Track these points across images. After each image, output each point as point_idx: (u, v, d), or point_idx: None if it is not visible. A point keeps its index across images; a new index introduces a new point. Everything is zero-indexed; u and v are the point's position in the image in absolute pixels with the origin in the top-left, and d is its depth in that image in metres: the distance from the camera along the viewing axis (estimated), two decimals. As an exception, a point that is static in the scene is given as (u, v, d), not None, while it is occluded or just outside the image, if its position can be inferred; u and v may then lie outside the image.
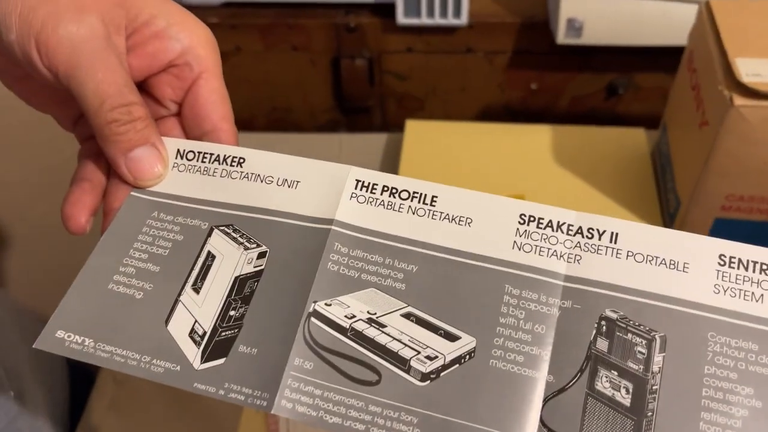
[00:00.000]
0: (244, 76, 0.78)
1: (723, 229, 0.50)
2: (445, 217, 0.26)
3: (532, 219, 0.26)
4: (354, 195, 0.27)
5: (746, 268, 0.24)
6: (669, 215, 0.54)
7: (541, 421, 0.23)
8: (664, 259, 0.24)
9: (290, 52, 0.75)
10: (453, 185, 0.27)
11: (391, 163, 0.63)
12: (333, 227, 0.27)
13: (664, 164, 0.57)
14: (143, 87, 0.31)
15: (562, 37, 0.65)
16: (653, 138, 0.61)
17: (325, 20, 0.72)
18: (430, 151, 0.62)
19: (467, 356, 0.24)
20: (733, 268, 0.24)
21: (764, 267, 0.24)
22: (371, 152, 0.68)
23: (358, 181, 0.28)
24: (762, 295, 0.23)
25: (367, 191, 0.27)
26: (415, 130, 0.64)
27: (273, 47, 0.75)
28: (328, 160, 0.28)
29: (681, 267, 0.24)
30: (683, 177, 0.51)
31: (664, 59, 0.66)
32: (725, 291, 0.24)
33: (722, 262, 0.24)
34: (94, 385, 0.50)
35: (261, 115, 0.82)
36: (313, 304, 0.26)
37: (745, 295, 0.24)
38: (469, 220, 0.26)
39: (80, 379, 0.52)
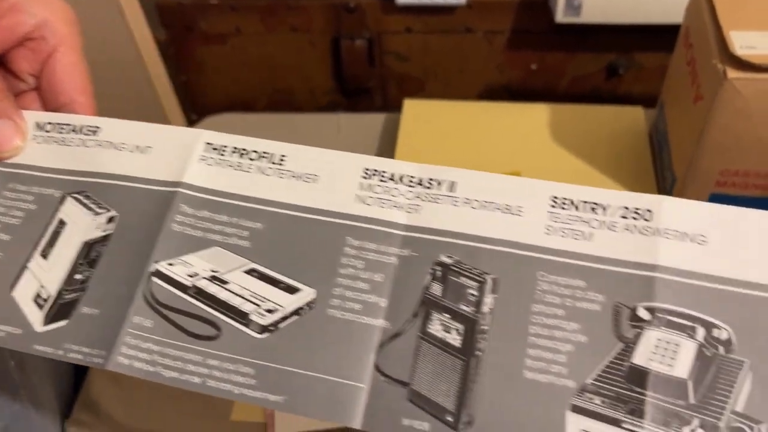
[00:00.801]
0: (245, 58, 0.78)
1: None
2: (292, 175, 0.27)
3: (375, 173, 0.26)
4: (203, 158, 0.28)
5: (577, 208, 0.25)
6: (665, 192, 0.54)
7: (376, 366, 0.23)
8: (499, 204, 0.25)
9: (290, 33, 0.75)
10: (450, 164, 0.27)
11: (389, 143, 0.64)
12: (180, 189, 0.28)
13: (661, 141, 0.56)
14: (1, 62, 0.31)
15: (561, 16, 0.64)
16: (651, 116, 0.60)
17: (324, 1, 0.72)
18: (428, 130, 0.62)
19: (306, 307, 0.25)
20: (565, 208, 0.25)
21: (594, 206, 0.24)
22: (370, 132, 0.68)
23: (208, 144, 0.28)
24: (591, 233, 0.24)
25: (216, 153, 0.28)
26: (413, 109, 0.64)
27: (273, 29, 0.75)
28: (327, 140, 0.28)
29: (515, 210, 0.25)
30: (679, 153, 0.51)
31: (665, 38, 0.65)
32: (556, 231, 0.24)
33: (554, 204, 0.25)
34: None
35: (262, 96, 0.82)
36: (154, 264, 0.26)
37: (575, 234, 0.24)
38: (315, 177, 0.27)
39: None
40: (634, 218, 0.24)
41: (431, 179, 0.26)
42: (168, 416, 0.48)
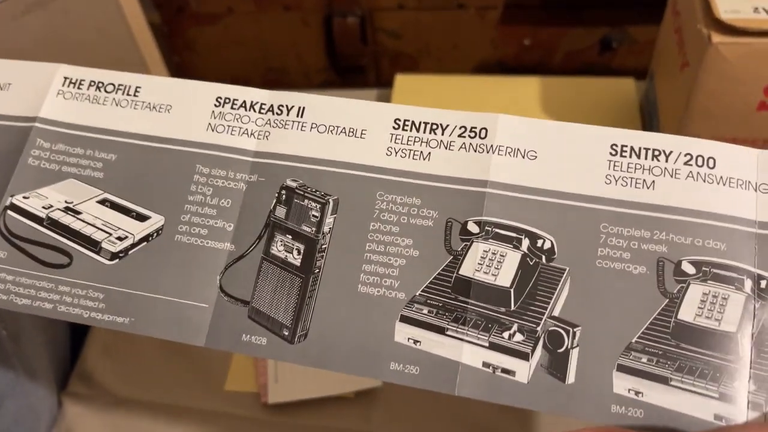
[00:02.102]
0: (238, 37, 0.78)
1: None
2: (146, 106, 0.28)
3: (227, 101, 0.27)
4: (61, 92, 0.28)
5: (418, 129, 0.25)
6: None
7: (220, 287, 0.25)
8: (344, 128, 0.26)
9: (282, 12, 0.75)
10: None
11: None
12: (36, 124, 0.28)
13: (651, 112, 0.56)
14: None
15: (551, -11, 0.64)
16: (643, 88, 0.60)
17: (315, -22, 0.72)
18: (420, 104, 0.62)
19: (155, 234, 0.26)
20: (406, 130, 0.25)
21: (434, 127, 0.25)
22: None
23: (66, 78, 0.29)
24: (430, 153, 0.25)
25: (74, 87, 0.28)
26: (404, 84, 0.64)
27: (265, 8, 0.75)
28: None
29: (359, 134, 0.26)
30: (667, 122, 0.51)
31: (657, 11, 0.65)
32: (396, 153, 0.25)
33: (396, 126, 0.26)
34: (89, 330, 0.51)
35: (256, 76, 0.82)
36: (10, 198, 0.27)
37: (414, 154, 0.25)
38: (169, 107, 0.27)
39: (79, 326, 0.53)
40: (471, 137, 0.25)
41: (281, 105, 0.27)
42: (162, 388, 0.49)
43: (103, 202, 0.27)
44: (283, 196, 0.26)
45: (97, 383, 0.49)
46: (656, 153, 0.24)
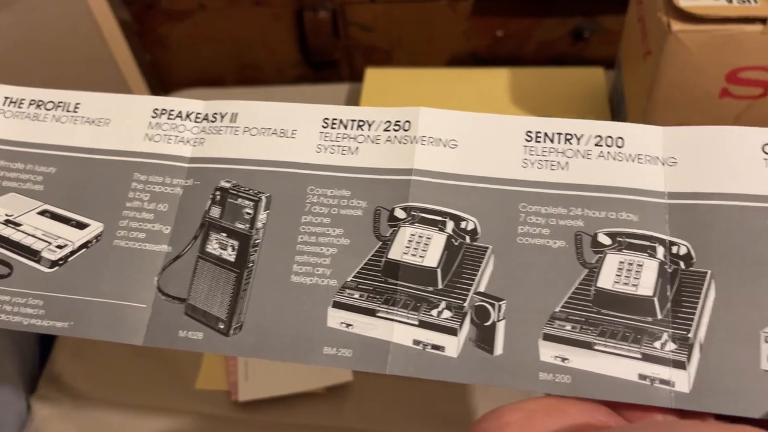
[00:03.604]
0: (210, 33, 0.77)
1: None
2: (86, 121, 0.29)
3: (163, 112, 0.28)
4: (1, 111, 0.29)
5: (346, 127, 0.27)
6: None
7: (158, 287, 0.25)
8: (275, 129, 0.27)
9: (253, 7, 0.75)
10: None
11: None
12: None
13: (619, 101, 0.57)
14: None
15: (520, -21, 0.64)
16: (612, 77, 0.60)
17: (284, -28, 0.71)
18: (391, 97, 0.62)
19: (94, 240, 0.26)
20: (335, 128, 0.27)
21: (361, 123, 0.27)
22: (335, 103, 0.67)
23: (6, 98, 0.30)
24: (357, 147, 0.26)
25: (14, 106, 0.29)
26: (375, 78, 0.63)
27: (236, 3, 0.74)
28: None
29: (290, 134, 0.27)
30: (633, 111, 0.52)
31: (627, 0, 0.65)
32: (326, 149, 0.26)
33: (325, 125, 0.27)
34: (58, 334, 0.51)
35: (230, 72, 0.82)
36: None
37: (342, 150, 0.26)
38: (107, 120, 0.28)
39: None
40: (395, 130, 0.26)
41: (215, 113, 0.28)
42: (132, 388, 0.49)
43: (43, 213, 0.27)
44: (218, 196, 0.26)
45: (66, 385, 0.48)
46: (568, 137, 0.25)
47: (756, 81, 0.44)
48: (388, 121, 0.26)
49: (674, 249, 0.23)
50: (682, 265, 0.23)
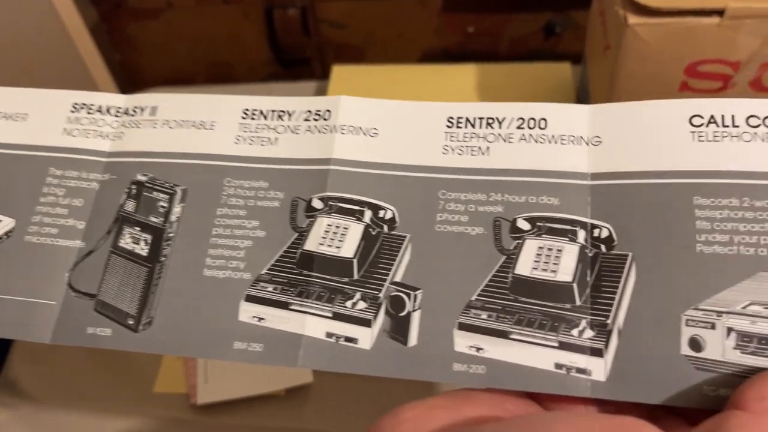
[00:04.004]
0: (179, 32, 0.77)
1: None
2: (2, 116, 0.28)
3: (83, 106, 0.28)
4: None
5: (266, 118, 0.26)
6: (589, 147, 0.54)
7: (69, 284, 0.25)
8: (194, 121, 0.27)
9: (222, 5, 0.74)
10: None
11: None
12: None
13: (584, 96, 0.56)
14: None
15: (488, -26, 0.64)
16: (579, 72, 0.60)
17: (252, -31, 0.70)
18: (356, 95, 0.61)
19: (5, 236, 0.26)
20: (255, 119, 0.26)
21: (281, 114, 0.26)
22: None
23: None
24: (277, 138, 0.26)
25: None
26: (341, 75, 0.63)
27: (205, 1, 0.74)
28: None
29: (209, 126, 0.26)
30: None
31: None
32: (245, 140, 0.26)
33: (245, 116, 0.26)
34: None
35: (201, 70, 0.81)
36: None
37: (261, 141, 0.26)
38: (25, 115, 0.28)
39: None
40: (315, 119, 0.26)
41: (136, 107, 0.27)
42: (91, 392, 0.48)
43: None
44: (133, 190, 0.26)
45: (23, 391, 0.48)
46: (490, 121, 0.25)
47: (715, 74, 0.44)
48: (309, 111, 0.26)
49: (596, 232, 0.22)
50: (603, 248, 0.22)
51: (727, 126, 0.22)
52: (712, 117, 0.22)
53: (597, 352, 0.21)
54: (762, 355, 0.19)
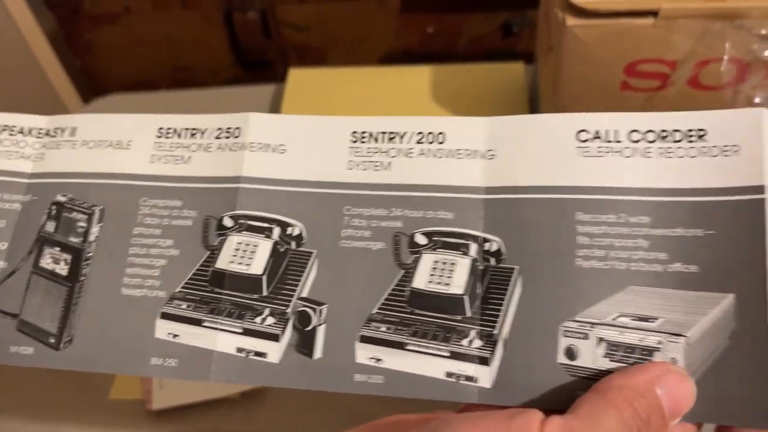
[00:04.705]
0: (138, 37, 0.76)
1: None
2: None
3: (5, 128, 0.28)
4: None
5: (179, 136, 0.27)
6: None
7: None
8: (111, 141, 0.27)
9: (181, 9, 0.74)
10: None
11: (276, 113, 0.63)
12: None
13: (534, 96, 0.57)
14: None
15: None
16: (530, 72, 0.61)
17: (209, -27, 0.71)
18: (313, 97, 0.61)
19: None
20: (169, 137, 0.27)
21: (194, 132, 0.27)
22: (262, 104, 0.67)
23: None
24: (190, 156, 0.26)
25: None
26: (298, 78, 0.63)
27: (163, 6, 0.74)
28: (216, 112, 0.29)
29: (125, 145, 0.27)
30: (545, 105, 0.52)
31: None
32: (160, 159, 0.26)
33: (160, 134, 0.27)
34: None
35: (163, 75, 0.81)
36: None
37: (175, 159, 0.26)
38: None
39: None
40: (226, 137, 0.26)
41: (57, 128, 0.28)
42: (46, 400, 0.48)
43: None
44: (53, 211, 0.26)
45: (-22, 400, 0.48)
46: (392, 135, 0.25)
47: (654, 73, 0.44)
48: (220, 128, 0.26)
49: (487, 245, 0.23)
50: (493, 261, 0.23)
51: (610, 141, 0.23)
52: (597, 132, 0.23)
53: (484, 361, 0.22)
54: (627, 362, 0.20)
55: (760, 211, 0.21)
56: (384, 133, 0.25)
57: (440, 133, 0.25)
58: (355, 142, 0.25)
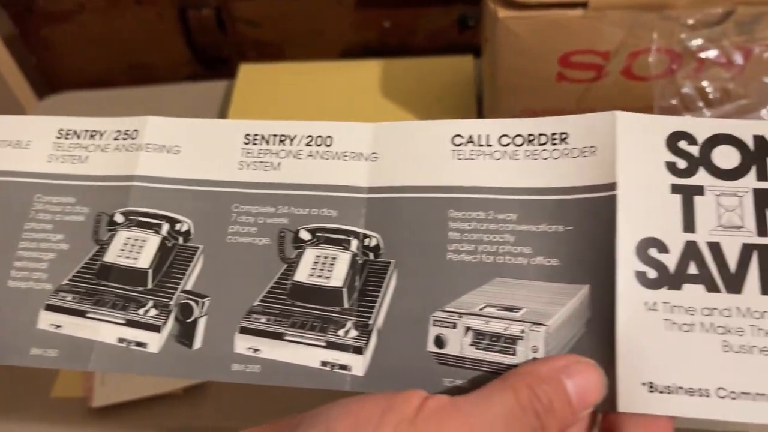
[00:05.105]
0: (93, 34, 0.76)
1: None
2: None
3: None
4: None
5: (79, 137, 0.28)
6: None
7: None
8: (10, 141, 0.28)
9: (135, 6, 0.73)
10: None
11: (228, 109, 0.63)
12: None
13: (480, 88, 0.57)
14: None
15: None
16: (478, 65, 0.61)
17: (161, -30, 0.70)
18: (264, 93, 0.62)
19: None
20: (69, 139, 0.28)
21: (93, 133, 0.28)
22: (216, 101, 0.67)
23: None
24: (87, 156, 0.27)
25: None
26: (249, 74, 0.63)
27: (116, 3, 0.73)
28: (169, 109, 0.30)
29: (24, 145, 0.28)
30: (487, 97, 0.52)
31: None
32: (57, 159, 0.27)
33: (60, 135, 0.28)
34: None
35: (120, 72, 0.80)
36: None
37: (73, 159, 0.27)
38: None
39: None
40: (123, 138, 0.27)
41: None
42: (-12, 399, 0.48)
43: None
44: None
45: None
46: (283, 138, 0.26)
47: (588, 65, 0.45)
48: (118, 131, 0.27)
49: (366, 241, 0.24)
50: (371, 255, 0.24)
51: (482, 145, 0.24)
52: (470, 137, 0.25)
53: (358, 350, 0.23)
54: (491, 350, 0.21)
55: (612, 207, 0.22)
56: (275, 135, 0.26)
57: (328, 137, 0.26)
58: (247, 143, 0.26)
